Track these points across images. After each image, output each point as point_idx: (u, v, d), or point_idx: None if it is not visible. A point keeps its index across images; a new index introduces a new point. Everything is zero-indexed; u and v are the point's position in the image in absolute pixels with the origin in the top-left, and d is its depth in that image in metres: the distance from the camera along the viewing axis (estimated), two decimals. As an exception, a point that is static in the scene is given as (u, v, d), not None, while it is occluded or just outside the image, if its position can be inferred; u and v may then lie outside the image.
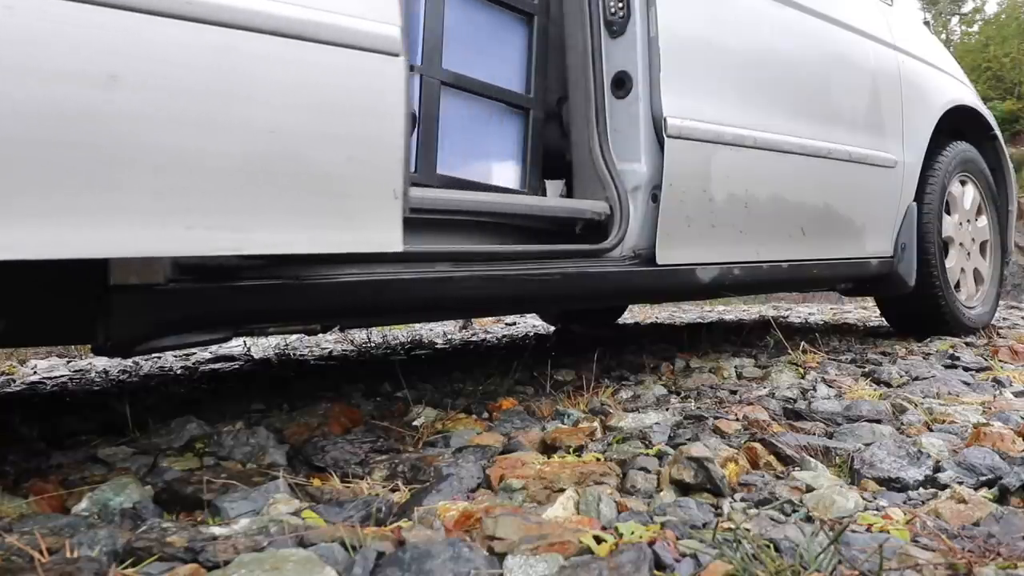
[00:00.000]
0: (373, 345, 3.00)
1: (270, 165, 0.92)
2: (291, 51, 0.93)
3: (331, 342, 3.17)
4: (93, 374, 2.36)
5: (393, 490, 0.99)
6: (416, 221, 1.33)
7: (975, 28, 29.50)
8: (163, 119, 0.83)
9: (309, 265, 1.09)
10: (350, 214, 1.00)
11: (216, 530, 0.80)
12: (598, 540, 0.76)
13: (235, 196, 0.89)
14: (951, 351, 2.09)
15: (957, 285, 2.48)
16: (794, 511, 0.87)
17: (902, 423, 1.28)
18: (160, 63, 0.82)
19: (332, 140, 0.97)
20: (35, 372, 2.53)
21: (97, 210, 0.79)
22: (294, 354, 2.73)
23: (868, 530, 0.80)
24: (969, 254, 2.58)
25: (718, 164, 1.65)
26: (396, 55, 1.02)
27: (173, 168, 0.84)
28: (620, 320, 3.74)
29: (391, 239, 1.04)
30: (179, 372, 2.27)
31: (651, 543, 0.74)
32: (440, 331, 3.71)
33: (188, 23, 0.84)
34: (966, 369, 1.85)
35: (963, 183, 2.59)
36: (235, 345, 2.96)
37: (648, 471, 1.01)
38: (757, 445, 1.09)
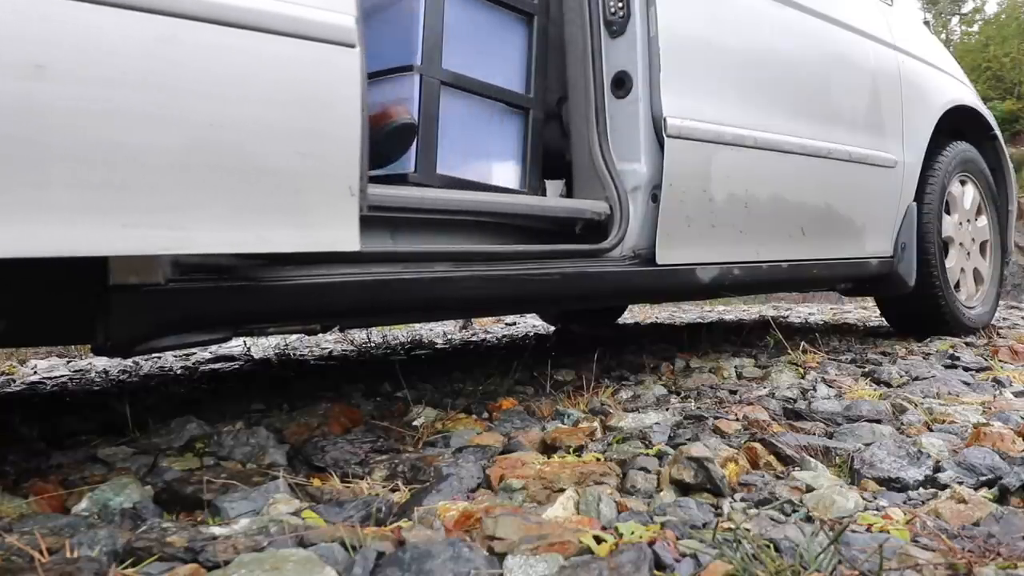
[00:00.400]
0: (373, 345, 3.00)
1: (211, 160, 0.88)
2: (236, 41, 0.89)
3: (331, 342, 3.17)
4: (93, 374, 2.36)
5: (393, 490, 0.99)
6: (415, 221, 1.33)
7: (975, 28, 29.51)
8: (94, 112, 0.79)
9: (306, 265, 1.08)
10: (302, 211, 0.96)
11: (216, 530, 0.80)
12: (598, 540, 0.76)
13: (171, 193, 0.85)
14: (951, 351, 2.09)
15: (957, 285, 2.48)
16: (794, 511, 0.87)
17: (902, 423, 1.28)
18: (92, 53, 0.79)
19: (281, 134, 0.93)
20: (35, 372, 2.53)
21: (18, 207, 0.75)
22: (294, 354, 2.73)
23: (868, 530, 0.80)
24: (969, 254, 2.58)
25: (718, 164, 1.65)
26: (351, 46, 0.99)
27: (104, 163, 0.80)
28: (620, 320, 3.74)
29: (346, 237, 1.01)
30: (179, 372, 2.27)
31: (651, 543, 0.74)
32: (440, 331, 3.71)
33: (123, 11, 0.80)
34: (966, 369, 1.85)
35: (963, 183, 2.59)
36: (235, 345, 2.96)
37: (648, 471, 1.01)
38: (757, 445, 1.09)
